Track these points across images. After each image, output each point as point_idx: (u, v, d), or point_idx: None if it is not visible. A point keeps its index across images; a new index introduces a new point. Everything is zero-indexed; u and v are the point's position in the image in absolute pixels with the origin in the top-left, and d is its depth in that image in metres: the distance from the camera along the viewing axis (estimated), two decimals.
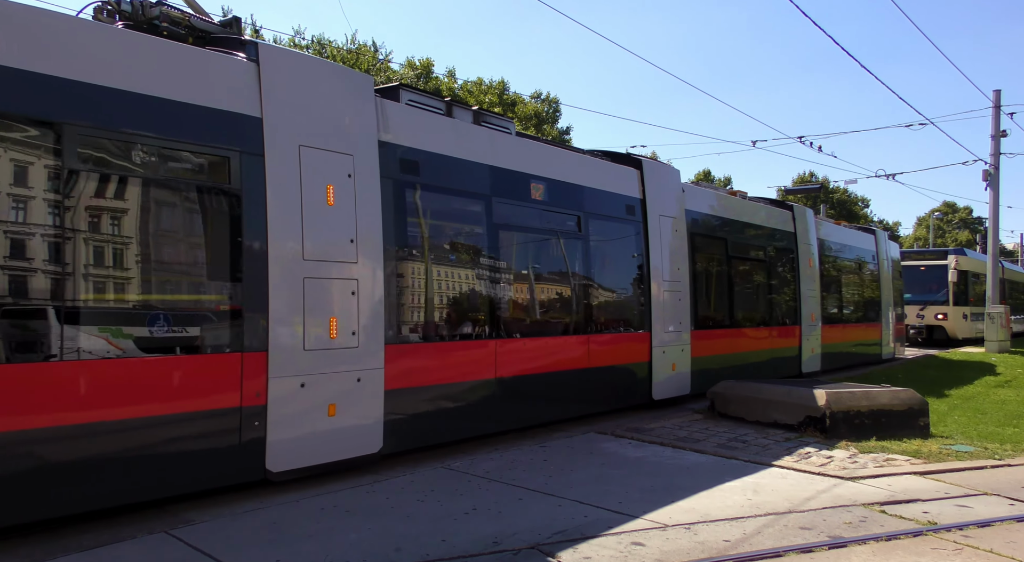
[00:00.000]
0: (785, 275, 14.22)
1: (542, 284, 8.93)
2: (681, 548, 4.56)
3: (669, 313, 10.45)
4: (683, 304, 10.78)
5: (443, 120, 7.69)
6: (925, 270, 27.01)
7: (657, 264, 10.32)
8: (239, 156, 5.61)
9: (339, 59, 34.40)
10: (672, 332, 10.49)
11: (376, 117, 6.71)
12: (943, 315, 25.91)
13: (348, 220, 6.27)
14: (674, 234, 10.77)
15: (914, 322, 26.19)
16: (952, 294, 25.92)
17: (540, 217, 8.76)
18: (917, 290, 26.60)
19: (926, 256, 28.14)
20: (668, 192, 10.86)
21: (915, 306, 26.27)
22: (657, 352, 10.20)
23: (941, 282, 26.17)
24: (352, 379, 6.22)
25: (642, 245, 10.27)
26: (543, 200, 8.71)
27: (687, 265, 10.99)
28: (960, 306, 26.11)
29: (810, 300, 14.52)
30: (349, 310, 6.20)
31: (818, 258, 15.17)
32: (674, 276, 10.63)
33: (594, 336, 9.21)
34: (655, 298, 10.24)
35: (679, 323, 10.66)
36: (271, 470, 5.67)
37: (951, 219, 71.09)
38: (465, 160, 7.74)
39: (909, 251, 29.85)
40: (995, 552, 4.55)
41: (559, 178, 8.96)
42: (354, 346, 6.21)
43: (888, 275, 18.98)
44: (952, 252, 27.38)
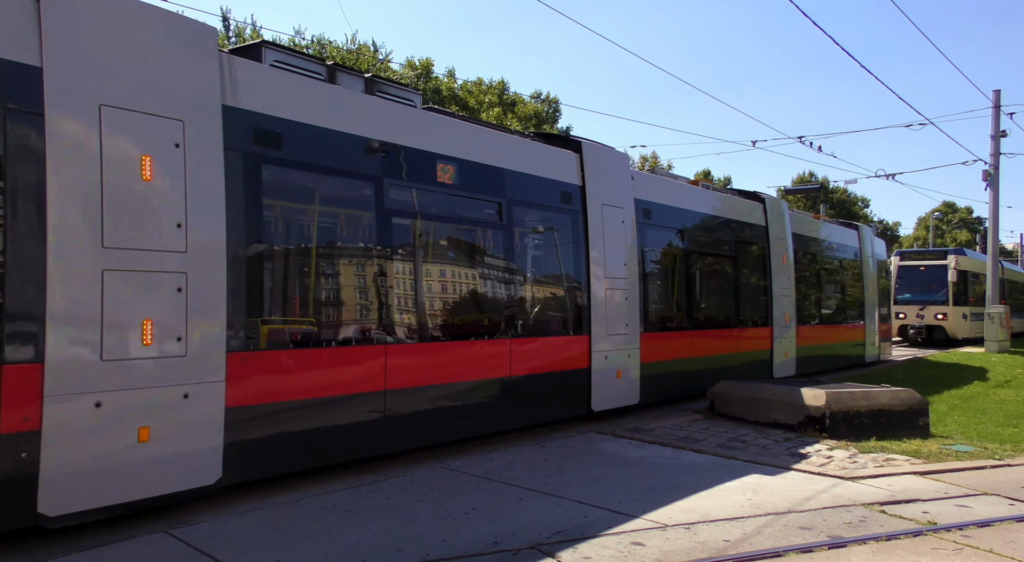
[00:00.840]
0: (754, 272, 13.21)
1: (451, 281, 7.71)
2: (681, 548, 4.56)
3: (613, 314, 9.33)
4: (630, 304, 9.63)
5: (318, 86, 6.52)
6: (925, 270, 26.96)
7: (598, 259, 9.18)
8: (7, 114, 4.49)
9: (339, 59, 34.44)
10: (617, 335, 9.36)
11: (221, 77, 5.55)
12: (943, 315, 25.86)
13: (174, 200, 5.13)
14: (620, 226, 9.61)
15: (914, 322, 26.22)
16: (952, 294, 25.87)
17: (449, 204, 7.61)
18: (917, 290, 26.59)
19: (926, 256, 28.06)
20: (613, 179, 9.71)
21: (915, 306, 26.30)
22: (597, 357, 9.04)
23: (941, 282, 26.13)
24: (176, 395, 5.09)
25: (580, 238, 9.09)
26: (453, 184, 7.55)
27: (636, 261, 9.87)
28: (960, 306, 26.06)
29: (783, 299, 13.54)
30: (173, 311, 5.08)
31: (793, 254, 14.17)
32: (619, 273, 9.48)
33: (517, 340, 8.08)
34: (595, 297, 9.10)
35: (625, 325, 9.53)
36: (45, 514, 4.50)
37: (951, 219, 71.09)
38: (348, 134, 6.58)
39: (908, 251, 29.83)
40: (995, 552, 4.55)
41: (475, 159, 7.82)
42: (179, 355, 5.09)
43: (872, 273, 18.20)
44: (952, 252, 27.32)
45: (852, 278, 17.42)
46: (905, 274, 27.44)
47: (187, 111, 5.29)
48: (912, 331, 26.41)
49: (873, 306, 17.95)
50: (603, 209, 9.39)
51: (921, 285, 26.71)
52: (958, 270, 25.95)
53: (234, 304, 5.51)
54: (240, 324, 5.60)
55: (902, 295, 27.03)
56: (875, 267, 18.40)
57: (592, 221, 9.20)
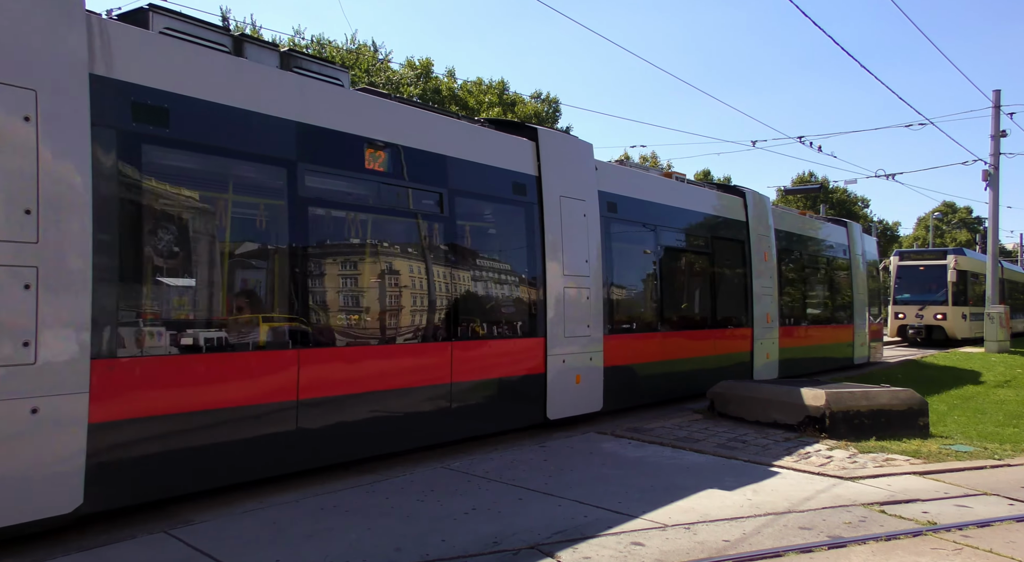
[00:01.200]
0: (734, 270, 12.47)
1: (381, 278, 6.98)
2: (680, 548, 4.56)
3: (573, 314, 8.65)
4: (593, 303, 8.95)
5: (218, 57, 5.80)
6: (924, 270, 26.95)
7: (555, 255, 8.50)
8: None
9: (339, 59, 34.44)
10: (577, 337, 8.68)
11: (89, 42, 4.86)
12: (942, 315, 25.88)
13: (21, 182, 4.46)
14: (582, 220, 8.92)
15: (913, 322, 26.26)
16: (951, 294, 25.90)
17: (379, 193, 6.93)
18: (916, 290, 26.62)
19: (925, 256, 28.07)
20: (574, 170, 9.00)
21: (914, 306, 26.36)
22: (554, 361, 8.37)
23: (940, 282, 26.14)
24: (22, 411, 4.39)
25: (536, 232, 8.42)
26: (385, 171, 6.86)
27: (598, 257, 9.14)
28: (959, 306, 26.08)
29: (765, 298, 12.87)
30: (17, 311, 4.40)
31: (776, 251, 13.46)
32: (580, 270, 8.80)
33: (460, 343, 7.40)
34: (553, 297, 8.44)
35: (587, 326, 8.84)
36: None
37: (951, 219, 71.09)
38: (253, 112, 5.88)
39: (908, 251, 29.96)
40: (995, 552, 4.55)
41: (412, 145, 7.15)
42: (28, 362, 4.41)
43: (862, 271, 17.59)
44: (951, 252, 27.33)
45: (840, 277, 16.85)
46: (904, 274, 27.43)
47: (42, 79, 4.60)
48: (911, 331, 26.39)
49: (863, 306, 17.38)
50: (562, 201, 8.69)
51: (920, 285, 26.69)
52: (957, 270, 25.91)
53: (103, 304, 4.81)
54: (110, 326, 4.89)
55: (901, 295, 27.10)
56: (865, 265, 17.88)
57: (549, 214, 8.50)
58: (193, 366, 5.36)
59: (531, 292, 8.42)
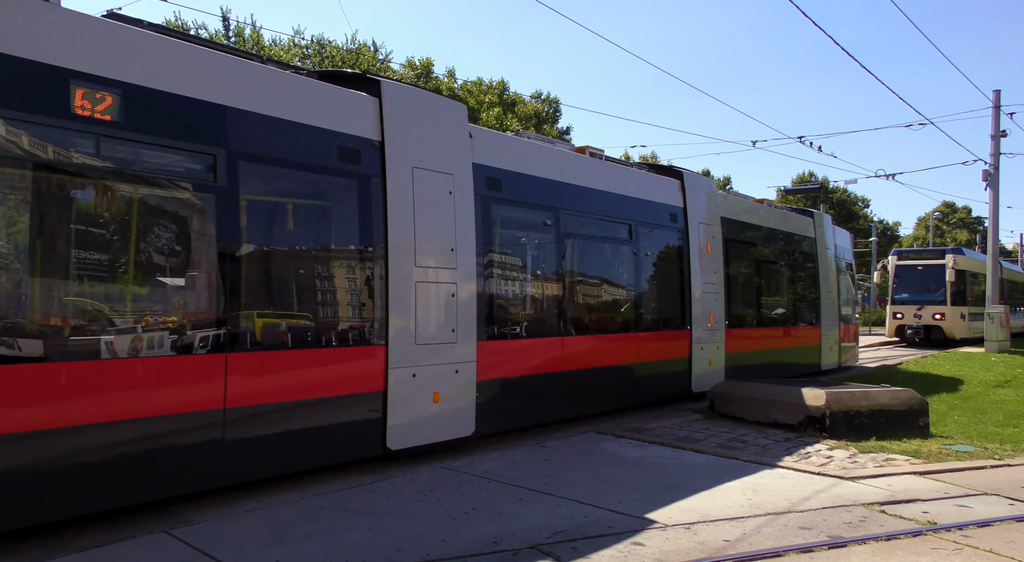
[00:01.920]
0: (666, 264, 10.89)
1: None
2: (681, 548, 4.56)
3: (435, 316, 7.03)
4: (462, 302, 7.28)
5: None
6: (923, 269, 26.76)
7: (404, 242, 6.79)
8: None
9: (339, 59, 34.47)
10: (433, 345, 6.96)
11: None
12: (941, 315, 25.70)
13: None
14: (446, 198, 7.26)
15: (911, 322, 26.12)
16: (950, 294, 25.73)
17: (103, 149, 5.10)
18: (915, 290, 26.47)
19: (924, 255, 27.87)
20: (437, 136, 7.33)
21: (912, 306, 26.21)
22: (398, 376, 6.61)
23: (939, 282, 25.97)
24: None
25: (378, 211, 6.70)
26: (113, 122, 5.03)
27: (473, 245, 7.48)
28: (958, 306, 25.91)
29: (708, 297, 11.24)
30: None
31: (723, 243, 11.81)
32: (443, 261, 7.14)
33: (242, 355, 5.64)
34: (399, 294, 6.69)
35: (452, 331, 7.14)
36: None
37: (951, 219, 71.12)
38: None
39: (906, 250, 29.62)
40: (995, 552, 4.55)
41: (155, 86, 5.31)
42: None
43: (832, 267, 15.88)
44: (950, 251, 27.10)
45: (805, 273, 15.15)
46: (903, 274, 27.28)
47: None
48: (910, 331, 26.20)
49: (832, 305, 15.70)
50: (415, 173, 7.00)
51: (919, 285, 26.53)
52: (956, 270, 25.74)
53: None
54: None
55: (900, 295, 26.99)
56: (835, 261, 16.19)
57: (395, 189, 6.79)
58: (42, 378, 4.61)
59: (367, 288, 6.66)
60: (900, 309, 26.67)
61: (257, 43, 32.87)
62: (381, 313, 6.64)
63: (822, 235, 15.70)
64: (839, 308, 16.08)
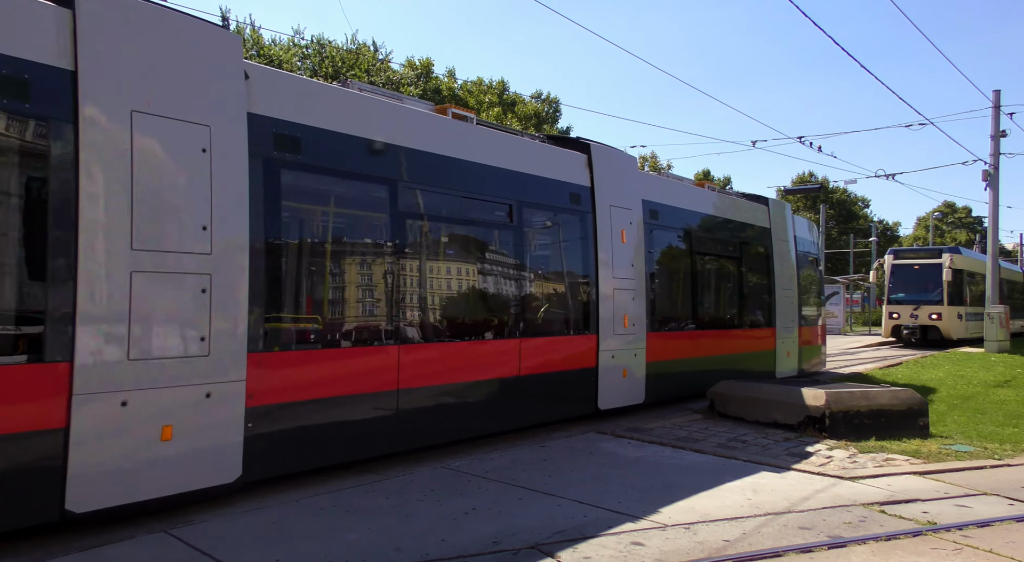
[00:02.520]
0: (567, 255, 9.15)
1: None
2: (680, 548, 4.56)
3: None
4: (207, 298, 5.31)
5: None
6: (919, 269, 26.45)
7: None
8: None
9: (339, 59, 34.46)
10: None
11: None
12: (937, 315, 25.40)
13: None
14: (199, 157, 5.32)
15: (907, 322, 25.90)
16: (946, 293, 25.41)
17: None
18: (911, 289, 26.22)
19: (920, 254, 27.61)
20: (169, 70, 5.18)
21: (908, 306, 25.98)
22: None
23: (935, 281, 25.67)
24: None
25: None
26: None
27: (243, 221, 5.54)
28: (955, 306, 25.67)
29: (621, 295, 9.46)
30: None
31: (643, 231, 10.04)
32: (180, 245, 5.20)
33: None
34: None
35: (201, 340, 5.27)
36: None
37: (950, 218, 71.13)
38: None
39: (903, 250, 29.32)
40: (995, 552, 4.55)
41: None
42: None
43: (791, 262, 13.85)
44: (947, 250, 26.71)
45: (757, 268, 13.09)
46: (899, 273, 27.02)
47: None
48: (906, 331, 25.93)
49: (790, 305, 13.62)
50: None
51: (915, 284, 26.24)
52: (953, 269, 25.40)
53: None
54: None
55: (896, 294, 26.68)
56: (795, 254, 14.13)
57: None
58: None
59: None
60: (896, 309, 26.37)
61: (256, 43, 32.86)
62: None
63: (780, 225, 13.67)
64: (799, 308, 14.03)
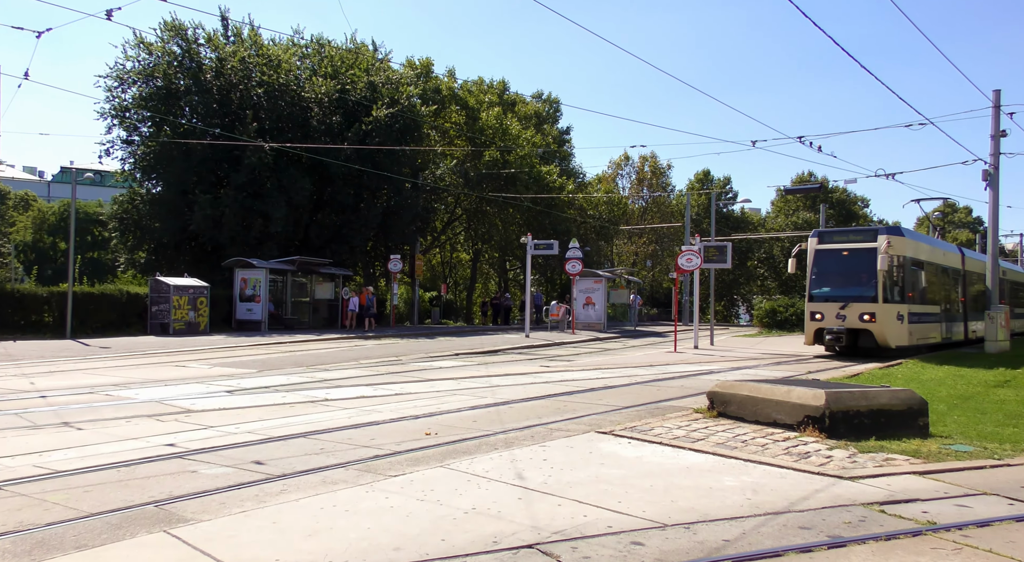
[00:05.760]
0: None
1: None
2: (680, 547, 4.56)
3: None
4: None
5: None
6: (849, 255, 20.31)
7: None
8: None
9: (338, 59, 34.42)
10: None
11: None
12: (869, 315, 19.43)
13: None
14: None
15: (833, 324, 19.86)
16: (882, 287, 19.47)
17: None
18: (838, 282, 20.42)
19: (851, 237, 21.09)
20: None
21: (835, 303, 20.06)
22: None
23: (870, 272, 19.64)
24: None
25: None
26: None
27: None
28: (894, 303, 19.72)
29: None
30: None
31: None
32: None
33: None
34: None
35: None
36: None
37: (951, 218, 71.12)
38: None
39: (830, 231, 22.51)
40: (994, 552, 4.55)
41: None
42: None
43: None
44: (884, 231, 20.40)
45: None
46: (824, 261, 20.78)
47: None
48: (829, 337, 19.88)
49: None
50: None
51: (845, 276, 20.37)
52: (892, 255, 19.59)
53: None
54: None
55: (819, 289, 20.74)
56: None
57: None
58: None
59: None
60: (820, 308, 20.34)
61: (255, 43, 32.84)
62: None
63: None
64: None
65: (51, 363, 16.26)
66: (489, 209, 41.73)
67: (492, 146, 40.16)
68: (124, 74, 30.78)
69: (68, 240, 26.88)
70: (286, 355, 18.85)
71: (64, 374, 14.12)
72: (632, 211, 56.03)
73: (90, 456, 7.03)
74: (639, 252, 56.41)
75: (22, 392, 11.57)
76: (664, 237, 56.67)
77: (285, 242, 31.71)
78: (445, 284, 47.11)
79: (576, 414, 9.83)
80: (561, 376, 14.78)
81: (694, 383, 13.62)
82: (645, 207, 57.50)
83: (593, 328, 32.50)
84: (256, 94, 31.33)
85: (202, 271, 29.36)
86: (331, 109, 32.38)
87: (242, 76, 31.22)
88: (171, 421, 9.05)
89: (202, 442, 7.74)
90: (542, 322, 33.72)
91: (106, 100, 30.79)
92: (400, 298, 35.77)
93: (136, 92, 31.18)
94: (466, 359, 18.87)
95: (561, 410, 10.17)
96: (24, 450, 7.28)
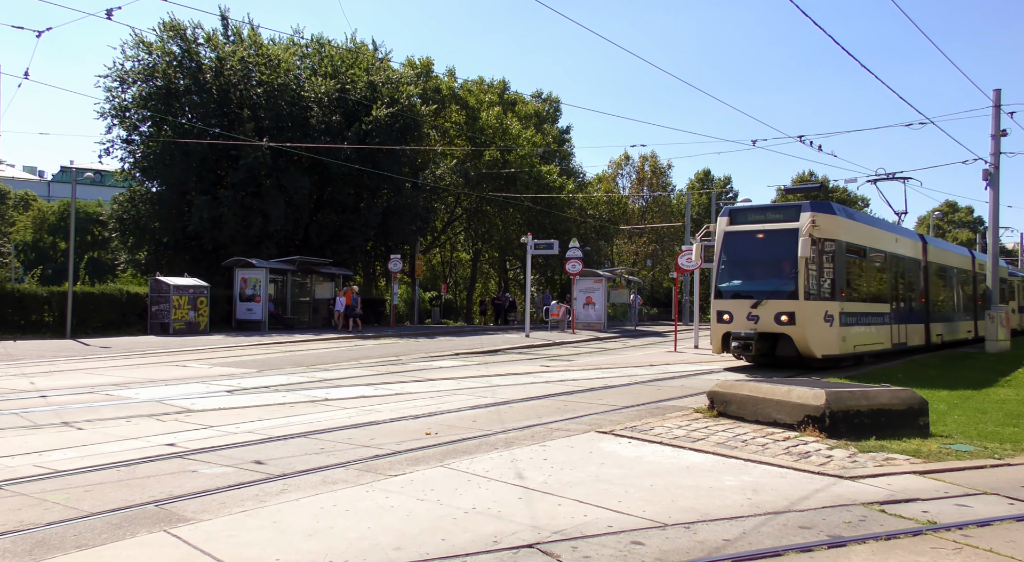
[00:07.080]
0: None
1: None
2: (680, 547, 4.56)
3: None
4: None
5: None
6: (765, 238, 15.88)
7: None
8: None
9: (338, 59, 34.40)
10: None
11: None
12: (787, 316, 15.09)
13: None
14: None
15: (743, 328, 15.45)
16: (804, 279, 15.01)
17: None
18: (751, 273, 16.10)
19: (769, 215, 16.06)
20: None
21: (746, 300, 15.64)
22: None
23: (791, 260, 15.22)
24: None
25: None
26: None
27: None
28: (819, 300, 15.31)
29: None
30: None
31: None
32: None
33: None
34: None
35: None
36: None
37: (952, 218, 71.12)
38: None
39: (743, 208, 17.24)
40: (995, 551, 4.55)
41: None
42: None
43: None
44: (809, 207, 15.41)
45: None
46: (735, 246, 16.30)
47: None
48: (735, 344, 15.45)
49: None
50: None
51: (759, 265, 16.06)
52: (816, 238, 15.16)
53: None
54: None
55: (728, 282, 16.21)
56: None
57: None
58: None
59: None
60: (728, 306, 15.94)
61: (255, 42, 32.83)
62: None
63: None
64: None
65: (51, 363, 16.27)
66: (489, 209, 41.72)
67: (492, 146, 40.15)
68: (124, 74, 30.77)
69: (68, 240, 26.89)
70: (286, 355, 18.85)
71: (64, 374, 14.12)
72: (632, 211, 56.02)
73: (90, 456, 7.04)
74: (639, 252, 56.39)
75: (22, 392, 11.57)
76: (664, 237, 56.67)
77: (285, 242, 31.72)
78: (445, 284, 47.12)
79: (576, 414, 9.83)
80: (561, 376, 14.78)
81: (694, 383, 13.62)
82: (645, 207, 57.49)
83: (593, 328, 32.49)
84: (256, 94, 31.33)
85: (202, 271, 29.35)
86: (331, 109, 32.37)
87: (242, 76, 31.22)
88: (171, 421, 9.05)
89: (202, 442, 7.74)
90: (543, 322, 33.72)
91: (106, 100, 30.82)
92: (400, 298, 35.78)
93: (136, 92, 31.17)
94: (466, 359, 18.87)
95: (561, 410, 10.18)
96: (24, 450, 7.29)
